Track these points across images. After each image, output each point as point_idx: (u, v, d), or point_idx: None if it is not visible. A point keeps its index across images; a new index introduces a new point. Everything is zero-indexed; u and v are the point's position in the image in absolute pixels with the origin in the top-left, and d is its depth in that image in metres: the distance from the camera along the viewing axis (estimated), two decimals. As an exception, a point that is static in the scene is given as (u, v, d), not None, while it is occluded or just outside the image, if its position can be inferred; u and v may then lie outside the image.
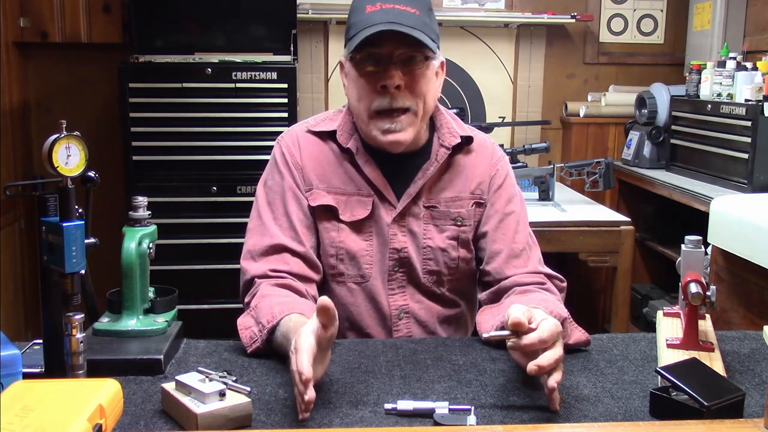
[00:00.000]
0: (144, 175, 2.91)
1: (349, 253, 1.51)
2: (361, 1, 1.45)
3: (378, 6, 1.41)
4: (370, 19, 1.41)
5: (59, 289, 1.11)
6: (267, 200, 1.51)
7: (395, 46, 1.41)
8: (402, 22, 1.39)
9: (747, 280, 2.16)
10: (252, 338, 1.32)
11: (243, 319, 1.38)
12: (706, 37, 3.46)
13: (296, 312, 1.28)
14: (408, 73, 1.43)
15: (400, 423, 1.07)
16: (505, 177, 1.58)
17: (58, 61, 3.35)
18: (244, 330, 1.35)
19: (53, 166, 1.09)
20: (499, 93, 3.71)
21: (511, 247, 1.51)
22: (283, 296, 1.37)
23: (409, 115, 1.44)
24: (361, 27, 1.41)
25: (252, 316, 1.36)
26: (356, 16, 1.45)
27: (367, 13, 1.42)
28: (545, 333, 1.11)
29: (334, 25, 3.50)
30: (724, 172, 2.89)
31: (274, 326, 1.28)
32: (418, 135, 1.51)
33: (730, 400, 1.07)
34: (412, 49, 1.42)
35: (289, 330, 1.23)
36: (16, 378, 1.09)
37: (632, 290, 3.13)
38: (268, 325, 1.29)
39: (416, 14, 1.42)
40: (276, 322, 1.28)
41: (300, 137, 1.55)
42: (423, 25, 1.42)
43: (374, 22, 1.40)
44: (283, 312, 1.29)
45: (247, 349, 1.32)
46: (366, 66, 1.44)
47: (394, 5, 1.41)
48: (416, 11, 1.42)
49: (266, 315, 1.31)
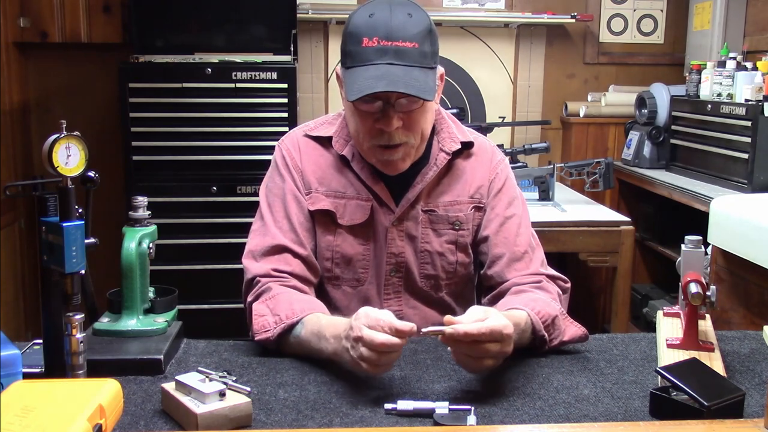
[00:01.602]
0: (144, 175, 2.91)
1: (344, 257, 1.51)
2: (357, 28, 1.38)
3: (375, 41, 1.35)
4: (367, 55, 1.35)
5: (59, 289, 1.11)
6: (268, 203, 1.51)
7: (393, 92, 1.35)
8: (401, 62, 1.34)
9: (747, 280, 2.16)
10: (265, 327, 1.33)
11: (258, 306, 1.38)
12: (706, 37, 3.46)
13: (319, 311, 1.30)
14: (407, 113, 1.40)
15: (400, 423, 1.08)
16: (504, 180, 1.57)
17: (58, 61, 3.35)
18: (258, 317, 1.35)
19: (53, 166, 1.09)
20: (499, 93, 3.71)
21: (512, 250, 1.51)
22: (300, 295, 1.39)
23: (406, 147, 1.43)
24: (359, 62, 1.36)
25: (268, 306, 1.36)
26: (352, 45, 1.38)
27: (364, 48, 1.36)
28: (473, 328, 1.12)
29: (334, 25, 3.50)
30: (724, 172, 2.89)
31: (294, 323, 1.30)
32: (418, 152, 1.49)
33: (730, 400, 1.07)
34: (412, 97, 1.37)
35: (322, 327, 1.26)
36: (16, 378, 1.09)
37: (632, 290, 3.13)
38: (287, 320, 1.30)
39: (414, 48, 1.36)
40: (297, 319, 1.30)
41: (300, 141, 1.55)
42: (422, 58, 1.37)
43: (371, 61, 1.34)
44: (304, 310, 1.31)
45: (255, 337, 1.33)
46: (362, 106, 1.40)
47: (392, 42, 1.35)
48: (414, 44, 1.36)
49: (285, 310, 1.32)
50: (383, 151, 1.43)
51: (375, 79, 1.34)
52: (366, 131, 1.42)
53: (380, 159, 1.44)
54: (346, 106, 1.47)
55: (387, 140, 1.41)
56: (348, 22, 1.42)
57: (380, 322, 1.13)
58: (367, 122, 1.41)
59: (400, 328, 1.12)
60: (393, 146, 1.42)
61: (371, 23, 1.37)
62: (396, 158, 1.43)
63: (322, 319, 1.30)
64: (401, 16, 1.37)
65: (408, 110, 1.39)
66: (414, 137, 1.43)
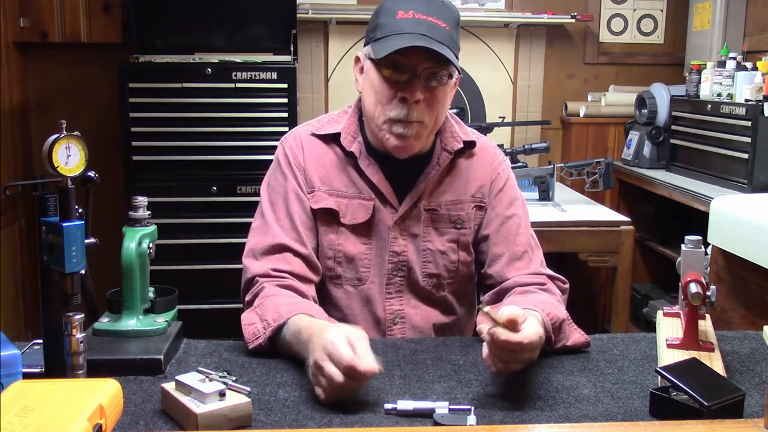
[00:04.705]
0: (144, 175, 2.90)
1: (347, 256, 1.51)
2: (394, 3, 1.42)
3: (411, 14, 1.39)
4: (401, 26, 1.38)
5: (59, 289, 1.11)
6: (270, 201, 1.51)
7: (423, 59, 1.38)
8: (434, 36, 1.37)
9: (747, 280, 2.16)
10: (255, 335, 1.32)
11: (247, 315, 1.38)
12: (706, 37, 3.46)
13: (304, 313, 1.29)
14: (430, 89, 1.41)
15: (400, 423, 1.08)
16: (506, 180, 1.58)
17: (58, 61, 3.35)
18: (247, 326, 1.35)
19: (53, 166, 1.09)
20: (499, 93, 3.71)
21: (512, 250, 1.51)
22: (288, 297, 1.38)
23: (420, 127, 1.44)
24: (391, 32, 1.39)
25: (257, 314, 1.36)
26: (386, 17, 1.42)
27: (398, 19, 1.39)
28: (526, 339, 1.13)
29: (334, 25, 3.50)
30: (724, 172, 2.89)
31: (281, 325, 1.28)
32: (427, 142, 1.51)
33: (730, 400, 1.07)
34: (439, 65, 1.40)
35: (301, 329, 1.24)
36: (16, 378, 1.09)
37: (632, 290, 3.13)
38: (273, 323, 1.29)
39: (446, 29, 1.39)
40: (283, 321, 1.28)
41: (304, 140, 1.54)
42: (451, 41, 1.40)
43: (405, 31, 1.37)
44: (290, 312, 1.29)
45: (249, 345, 1.32)
46: (389, 73, 1.41)
47: (427, 17, 1.38)
48: (447, 26, 1.40)
49: (272, 314, 1.31)
50: (398, 125, 1.43)
51: (411, 38, 1.36)
52: (387, 100, 1.42)
53: (395, 133, 1.43)
54: (369, 80, 1.46)
55: (406, 114, 1.41)
56: (382, 3, 1.46)
57: (341, 363, 1.08)
58: (389, 91, 1.42)
59: (362, 372, 1.07)
60: (410, 121, 1.42)
61: (408, 1, 1.41)
62: (410, 134, 1.43)
63: (303, 320, 1.27)
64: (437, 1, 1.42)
65: (432, 87, 1.41)
66: (430, 118, 1.44)
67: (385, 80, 1.42)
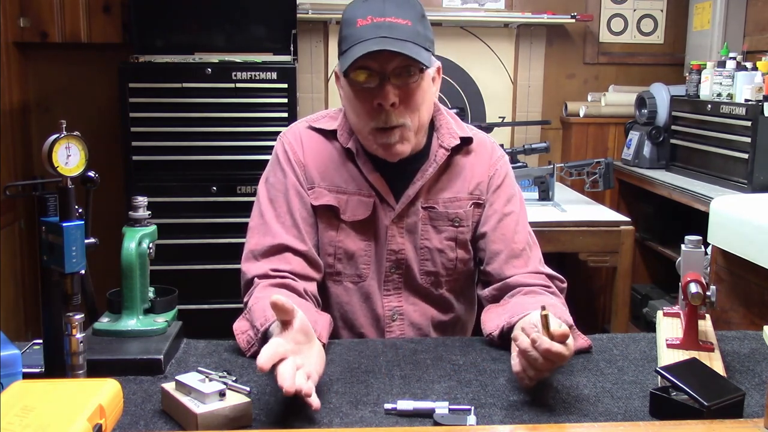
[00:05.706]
0: (144, 175, 2.91)
1: (347, 252, 1.51)
2: (352, 12, 1.41)
3: (369, 20, 1.38)
4: (361, 34, 1.37)
5: (59, 289, 1.11)
6: (269, 198, 1.50)
7: (388, 60, 1.37)
8: (395, 36, 1.36)
9: (747, 280, 2.16)
10: (249, 342, 1.32)
11: (238, 323, 1.37)
12: (706, 37, 3.46)
13: None
14: (403, 87, 1.40)
15: (400, 423, 1.08)
16: (504, 177, 1.57)
17: (58, 62, 3.35)
18: (240, 335, 1.35)
19: (53, 166, 1.09)
20: (499, 93, 3.71)
21: (510, 247, 1.51)
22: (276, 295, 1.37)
23: (403, 130, 1.43)
24: (353, 42, 1.38)
25: (247, 320, 1.36)
26: (348, 28, 1.41)
27: (359, 27, 1.38)
28: (568, 351, 1.12)
29: (334, 25, 3.50)
30: (724, 172, 2.89)
31: (267, 328, 1.27)
32: (418, 140, 1.50)
33: (730, 400, 1.07)
34: (405, 62, 1.38)
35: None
36: (16, 378, 1.09)
37: (632, 290, 3.13)
38: (261, 328, 1.28)
39: (408, 25, 1.38)
40: (269, 324, 1.27)
41: (303, 134, 1.54)
42: (416, 35, 1.39)
43: (366, 38, 1.36)
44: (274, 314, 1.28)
45: (246, 353, 1.32)
46: (360, 83, 1.41)
47: (384, 18, 1.37)
48: (408, 22, 1.38)
49: (259, 318, 1.30)
50: (381, 134, 1.42)
51: (371, 43, 1.35)
52: (365, 112, 1.42)
53: (379, 143, 1.43)
54: (345, 95, 1.47)
55: (384, 121, 1.40)
56: (343, 15, 1.45)
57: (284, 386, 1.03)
58: (365, 103, 1.41)
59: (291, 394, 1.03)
60: (390, 128, 1.41)
61: (365, 6, 1.40)
62: (393, 141, 1.42)
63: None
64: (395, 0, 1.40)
65: (404, 85, 1.40)
66: (411, 118, 1.43)
67: (358, 91, 1.42)
